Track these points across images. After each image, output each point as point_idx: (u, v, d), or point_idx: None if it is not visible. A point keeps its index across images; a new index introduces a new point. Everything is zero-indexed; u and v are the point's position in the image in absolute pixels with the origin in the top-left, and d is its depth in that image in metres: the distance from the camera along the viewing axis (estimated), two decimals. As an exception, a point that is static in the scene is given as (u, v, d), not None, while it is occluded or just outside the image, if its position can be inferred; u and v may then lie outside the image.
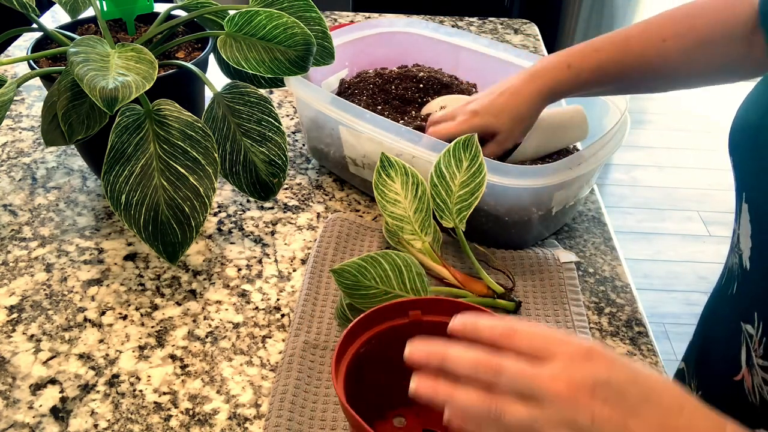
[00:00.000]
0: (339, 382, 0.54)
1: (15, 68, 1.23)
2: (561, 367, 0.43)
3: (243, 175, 0.82)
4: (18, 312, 0.76)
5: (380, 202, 0.78)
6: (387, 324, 0.60)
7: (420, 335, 0.60)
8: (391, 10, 1.57)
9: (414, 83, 1.01)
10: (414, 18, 1.15)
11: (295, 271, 0.82)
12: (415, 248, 0.77)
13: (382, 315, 0.60)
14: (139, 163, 0.74)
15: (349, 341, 0.57)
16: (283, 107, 1.15)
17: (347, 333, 0.57)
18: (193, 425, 0.64)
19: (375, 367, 0.60)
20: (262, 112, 0.82)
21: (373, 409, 0.62)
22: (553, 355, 0.44)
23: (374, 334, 0.59)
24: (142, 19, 0.96)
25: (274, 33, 0.83)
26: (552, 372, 0.43)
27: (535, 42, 1.38)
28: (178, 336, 0.73)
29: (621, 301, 0.80)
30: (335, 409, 0.65)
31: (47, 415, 0.65)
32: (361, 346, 0.58)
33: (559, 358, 0.43)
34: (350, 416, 0.51)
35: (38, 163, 1.00)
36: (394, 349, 0.60)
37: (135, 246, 0.85)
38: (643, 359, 0.73)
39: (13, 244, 0.85)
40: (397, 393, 0.63)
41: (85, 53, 0.73)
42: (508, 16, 2.38)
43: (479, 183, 0.75)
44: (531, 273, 0.81)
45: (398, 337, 0.60)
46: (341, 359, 0.56)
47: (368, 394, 0.60)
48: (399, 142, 0.81)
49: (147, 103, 0.76)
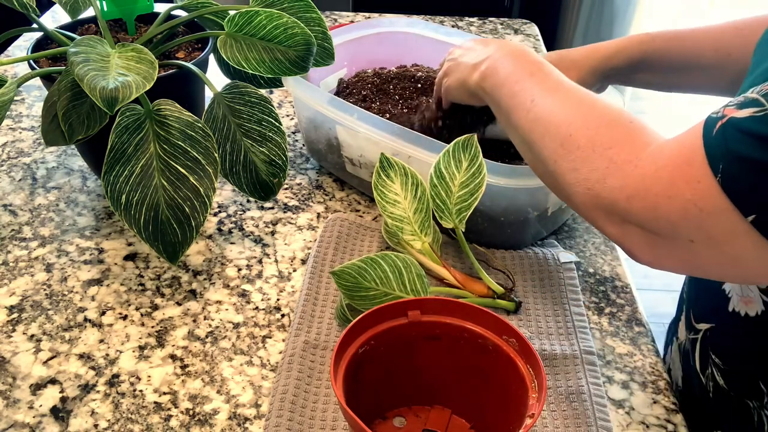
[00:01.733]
0: (338, 384, 0.54)
1: (15, 68, 1.23)
2: None
3: (243, 175, 0.82)
4: (18, 312, 0.76)
5: (380, 203, 0.78)
6: (386, 325, 0.60)
7: (419, 336, 0.60)
8: (391, 10, 1.57)
9: (412, 83, 1.01)
10: (414, 18, 1.15)
11: (295, 271, 0.82)
12: (414, 249, 0.77)
13: (381, 316, 0.60)
14: (140, 163, 0.74)
15: (348, 342, 0.57)
16: (283, 107, 1.15)
17: (346, 334, 0.57)
18: (193, 425, 0.64)
19: (374, 368, 0.60)
20: (262, 112, 0.82)
21: (373, 409, 0.63)
22: None
23: (373, 334, 0.59)
24: (142, 19, 0.96)
25: (275, 33, 0.83)
26: None
27: (535, 42, 1.38)
28: (178, 336, 0.74)
29: (621, 301, 0.80)
30: (335, 409, 0.65)
31: (47, 415, 0.65)
32: (360, 347, 0.58)
33: None
34: (349, 417, 0.51)
35: (38, 163, 1.00)
36: (394, 349, 0.60)
37: (135, 246, 0.85)
38: (643, 359, 0.73)
39: (13, 244, 0.85)
40: (397, 393, 0.63)
41: (85, 53, 0.73)
42: (508, 16, 2.38)
43: (479, 183, 0.75)
44: (531, 273, 0.81)
45: (397, 338, 0.60)
46: (340, 360, 0.56)
47: (368, 394, 0.60)
48: (395, 141, 0.81)
49: (147, 103, 0.76)
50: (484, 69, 0.71)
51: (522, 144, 0.65)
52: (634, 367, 0.72)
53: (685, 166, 0.48)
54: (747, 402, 0.64)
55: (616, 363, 0.72)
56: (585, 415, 0.65)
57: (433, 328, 0.61)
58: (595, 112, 0.58)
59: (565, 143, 0.58)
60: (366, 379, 0.59)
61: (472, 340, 0.60)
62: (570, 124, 0.58)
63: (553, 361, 0.70)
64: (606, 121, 0.57)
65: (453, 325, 0.60)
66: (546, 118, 0.60)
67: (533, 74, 0.65)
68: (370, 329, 0.59)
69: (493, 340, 0.58)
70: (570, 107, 0.60)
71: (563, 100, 0.61)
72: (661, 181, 0.49)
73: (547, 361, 0.70)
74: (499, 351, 0.58)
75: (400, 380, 0.63)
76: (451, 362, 0.62)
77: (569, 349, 0.71)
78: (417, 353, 0.62)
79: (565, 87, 0.63)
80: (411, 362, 0.62)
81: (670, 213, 0.49)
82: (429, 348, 0.61)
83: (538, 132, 0.61)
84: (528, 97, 0.63)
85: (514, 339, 0.57)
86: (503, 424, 0.58)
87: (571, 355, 0.71)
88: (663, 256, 0.53)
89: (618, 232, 0.54)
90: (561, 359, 0.70)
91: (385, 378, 0.62)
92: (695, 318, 0.71)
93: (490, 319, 0.59)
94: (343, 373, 0.55)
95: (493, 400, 0.60)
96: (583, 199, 0.56)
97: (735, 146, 0.45)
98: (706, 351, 0.68)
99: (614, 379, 0.71)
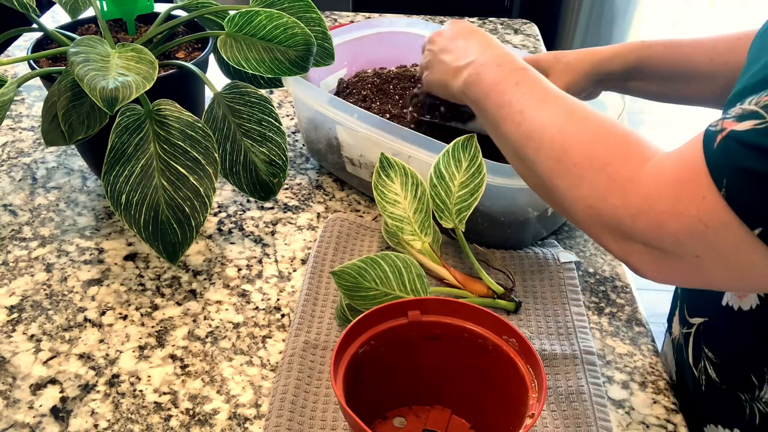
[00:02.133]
0: (338, 384, 0.54)
1: (15, 68, 1.23)
2: None
3: (243, 175, 0.82)
4: (18, 312, 0.76)
5: (380, 203, 0.78)
6: (386, 325, 0.60)
7: (419, 336, 0.60)
8: (391, 10, 1.57)
9: (412, 83, 1.01)
10: (414, 18, 1.15)
11: (295, 271, 0.82)
12: (414, 249, 0.77)
13: (381, 316, 0.60)
14: (140, 163, 0.74)
15: (348, 342, 0.58)
16: (283, 107, 1.15)
17: (346, 334, 0.57)
18: (193, 425, 0.64)
19: (375, 368, 0.60)
20: (262, 112, 0.82)
21: (373, 409, 0.63)
22: None
23: (373, 334, 0.59)
24: (142, 19, 0.96)
25: (275, 33, 0.83)
26: None
27: (535, 42, 1.38)
28: (178, 336, 0.74)
29: (621, 301, 0.80)
30: (335, 409, 0.65)
31: (47, 415, 0.65)
32: (360, 347, 0.58)
33: None
34: (349, 417, 0.51)
35: (38, 163, 1.00)
36: (394, 349, 0.60)
37: (135, 246, 0.85)
38: (643, 359, 0.73)
39: (13, 244, 0.85)
40: (397, 393, 0.63)
41: (85, 53, 0.73)
42: (508, 16, 2.38)
43: (479, 183, 0.75)
44: (531, 273, 0.81)
45: (397, 338, 0.60)
46: (340, 360, 0.56)
47: (368, 394, 0.60)
48: (395, 141, 0.81)
49: (147, 103, 0.76)
50: (467, 77, 0.69)
51: (514, 157, 0.64)
52: (634, 367, 0.72)
53: (689, 182, 0.48)
54: (739, 395, 0.64)
55: (616, 363, 0.72)
56: (585, 415, 0.65)
57: (433, 328, 0.61)
58: (588, 125, 0.57)
59: (560, 159, 0.56)
60: (366, 379, 0.59)
61: (472, 340, 0.60)
62: (564, 139, 0.57)
63: (553, 361, 0.70)
64: (601, 134, 0.56)
65: (453, 325, 0.60)
66: (538, 131, 0.59)
67: (519, 84, 0.63)
68: (370, 329, 0.59)
69: (493, 340, 0.58)
70: (561, 119, 0.58)
71: (554, 111, 0.59)
72: (665, 199, 0.49)
73: (547, 361, 0.70)
74: (499, 351, 0.58)
75: (400, 380, 0.63)
76: (451, 362, 0.62)
77: (569, 349, 0.71)
78: (417, 353, 0.62)
79: (553, 96, 0.61)
80: (411, 362, 0.62)
81: (676, 230, 0.48)
82: (429, 348, 0.61)
83: (531, 147, 0.59)
84: (516, 109, 0.61)
85: (514, 339, 0.57)
86: (503, 423, 0.58)
87: (571, 355, 0.71)
88: (669, 271, 0.52)
89: (622, 250, 0.54)
90: (561, 359, 0.70)
91: (385, 378, 0.62)
92: (689, 312, 0.71)
93: (490, 319, 0.59)
94: (343, 373, 0.55)
95: (493, 400, 0.60)
96: (584, 216, 0.55)
97: (737, 160, 0.45)
98: (699, 345, 0.69)
99: (614, 379, 0.71)
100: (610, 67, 0.81)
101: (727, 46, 0.76)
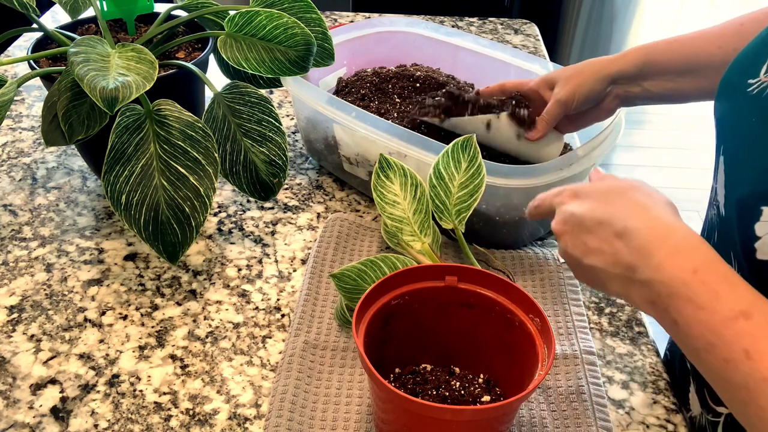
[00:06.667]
0: (360, 331, 0.58)
1: (15, 68, 1.23)
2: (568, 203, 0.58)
3: (243, 175, 0.82)
4: (18, 312, 0.76)
5: (379, 204, 0.78)
6: (423, 284, 0.63)
7: (454, 301, 0.64)
8: (391, 10, 1.57)
9: (411, 82, 1.01)
10: (414, 18, 1.15)
11: (295, 271, 0.82)
12: (414, 249, 0.77)
13: (418, 275, 0.63)
14: (140, 163, 0.74)
15: (381, 292, 0.61)
16: (283, 107, 1.15)
17: (378, 285, 0.61)
18: (193, 425, 0.64)
19: (405, 321, 0.64)
20: (262, 112, 0.82)
21: (397, 358, 0.66)
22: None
23: (409, 290, 0.62)
24: (142, 19, 0.96)
25: (275, 33, 0.83)
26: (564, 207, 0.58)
27: (535, 42, 1.38)
28: (178, 336, 0.74)
29: (621, 301, 0.80)
30: (335, 409, 0.65)
31: (47, 415, 0.65)
32: (394, 299, 0.62)
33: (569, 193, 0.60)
34: (363, 361, 0.55)
35: (38, 163, 1.00)
36: (426, 308, 0.65)
37: (135, 246, 0.85)
38: (643, 359, 0.73)
39: (13, 244, 0.85)
40: (421, 349, 0.67)
41: (85, 53, 0.73)
42: (508, 16, 2.38)
43: (478, 184, 0.75)
44: (531, 273, 0.81)
45: (431, 299, 0.64)
46: (365, 311, 0.60)
47: (397, 344, 0.64)
48: (392, 140, 0.81)
49: (147, 103, 0.76)
50: (648, 294, 0.51)
51: (733, 401, 0.48)
52: (634, 367, 0.72)
53: None
54: None
55: (616, 363, 0.72)
56: (585, 415, 0.65)
57: (468, 296, 0.64)
58: None
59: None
60: (395, 330, 0.63)
61: (502, 315, 0.63)
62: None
63: (553, 361, 0.70)
64: None
65: (487, 296, 0.63)
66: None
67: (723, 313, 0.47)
68: (406, 285, 0.63)
69: (520, 317, 0.61)
70: None
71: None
72: None
73: (547, 361, 0.70)
74: (524, 328, 0.61)
75: (426, 338, 0.66)
76: (479, 332, 0.65)
77: (569, 349, 0.71)
78: (448, 317, 0.65)
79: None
80: (440, 324, 0.65)
81: None
82: (461, 314, 0.65)
83: (766, 397, 0.45)
84: (738, 347, 0.46)
85: (538, 319, 0.60)
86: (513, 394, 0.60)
87: (571, 355, 0.71)
88: None
89: None
90: (561, 359, 0.70)
91: (413, 333, 0.65)
92: (711, 399, 0.70)
93: (520, 296, 0.61)
94: (369, 319, 0.60)
95: (509, 373, 0.63)
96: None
97: None
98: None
99: (614, 379, 0.71)
100: (619, 65, 0.81)
101: (733, 31, 0.76)
